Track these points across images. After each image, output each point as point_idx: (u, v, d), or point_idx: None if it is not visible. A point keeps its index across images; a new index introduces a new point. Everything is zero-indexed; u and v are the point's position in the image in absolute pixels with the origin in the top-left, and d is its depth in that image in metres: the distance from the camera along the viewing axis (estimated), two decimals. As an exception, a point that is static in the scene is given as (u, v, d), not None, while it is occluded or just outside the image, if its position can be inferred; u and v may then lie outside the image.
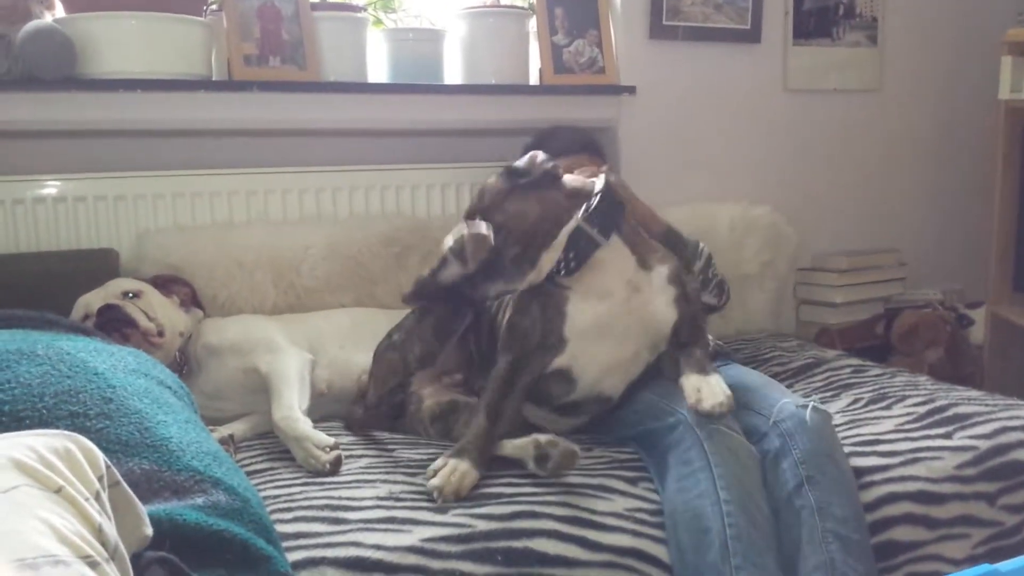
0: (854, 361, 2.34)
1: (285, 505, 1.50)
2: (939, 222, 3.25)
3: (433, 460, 1.61)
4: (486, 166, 2.58)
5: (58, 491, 0.79)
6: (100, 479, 0.89)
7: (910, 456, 1.72)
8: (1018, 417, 1.83)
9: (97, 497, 0.87)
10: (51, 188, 2.21)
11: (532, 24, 2.65)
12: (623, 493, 1.59)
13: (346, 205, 2.45)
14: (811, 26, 2.94)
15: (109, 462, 0.91)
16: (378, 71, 2.51)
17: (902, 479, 1.67)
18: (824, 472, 1.58)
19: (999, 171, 2.90)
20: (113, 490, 0.91)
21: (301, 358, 1.93)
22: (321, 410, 1.97)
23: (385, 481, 1.60)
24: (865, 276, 2.96)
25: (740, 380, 1.87)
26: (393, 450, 1.77)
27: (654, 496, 1.59)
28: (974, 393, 2.01)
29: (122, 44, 2.14)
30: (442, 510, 1.49)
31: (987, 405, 1.89)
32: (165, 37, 2.17)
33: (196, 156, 2.35)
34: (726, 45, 2.80)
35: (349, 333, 2.10)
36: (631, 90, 2.66)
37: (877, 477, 1.67)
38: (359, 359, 2.04)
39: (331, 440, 1.65)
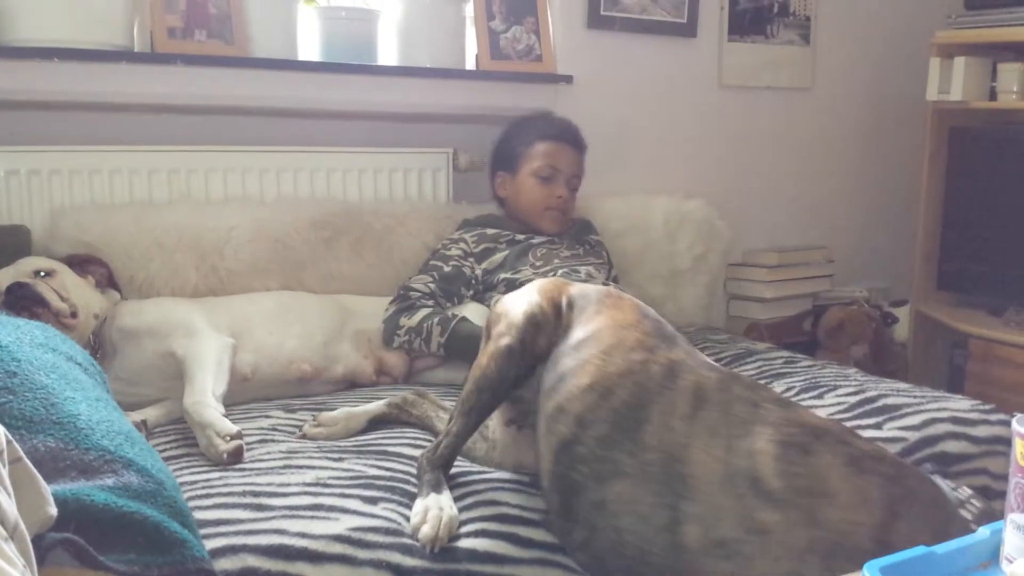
0: (785, 353, 2.36)
1: (203, 491, 1.43)
2: (866, 220, 3.32)
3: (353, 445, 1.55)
4: (419, 151, 2.54)
5: (-51, 463, 0.71)
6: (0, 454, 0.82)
7: (841, 445, 1.72)
8: (945, 409, 1.85)
9: (-3, 474, 0.80)
10: (-44, 160, 2.08)
11: (469, 9, 2.60)
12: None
13: (273, 187, 2.36)
14: (746, 23, 2.96)
15: (11, 437, 0.84)
16: (309, 51, 2.44)
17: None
18: None
19: (925, 171, 2.98)
20: (14, 467, 0.85)
21: (220, 342, 1.85)
22: (246, 395, 1.90)
23: (311, 467, 1.54)
24: (794, 272, 3.00)
25: None
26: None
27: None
28: (902, 385, 2.03)
29: (38, 9, 2.02)
30: (372, 500, 1.43)
31: (915, 397, 1.91)
32: (85, 4, 2.06)
33: (115, 131, 2.24)
34: (663, 38, 2.80)
35: (277, 317, 2.03)
36: (568, 79, 2.64)
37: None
38: (289, 344, 1.97)
39: (234, 428, 1.58)
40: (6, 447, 0.84)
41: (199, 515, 1.32)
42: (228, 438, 1.57)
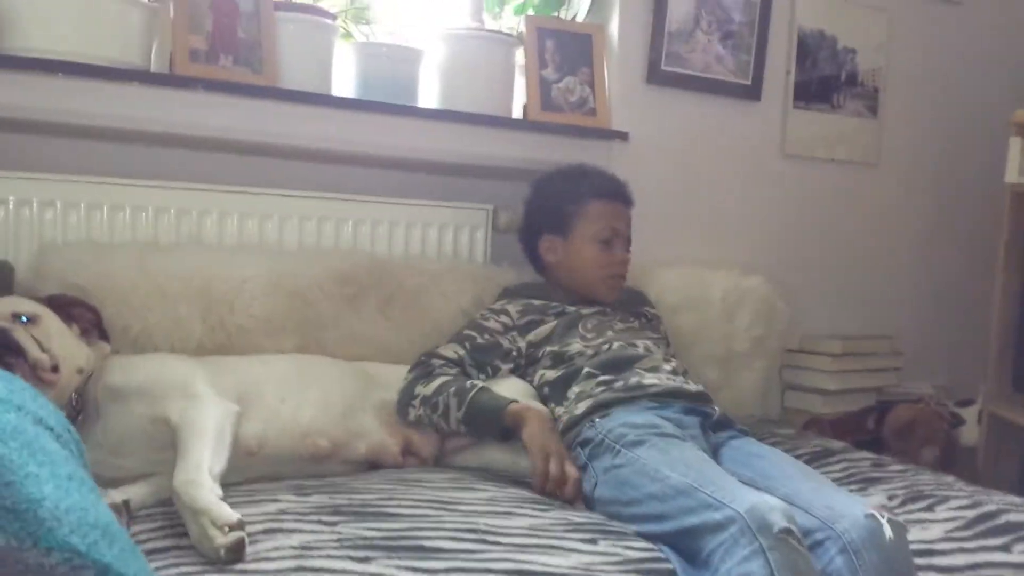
0: (868, 454, 2.07)
1: (195, 601, 1.12)
2: (934, 310, 3.05)
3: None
4: (457, 206, 2.29)
5: None
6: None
7: (970, 574, 1.45)
8: (1078, 529, 1.56)
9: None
10: (-64, 184, 1.81)
11: (519, 55, 2.38)
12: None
13: (294, 236, 2.10)
14: (812, 90, 2.75)
15: None
16: (344, 88, 2.20)
17: (966, 602, 1.38)
18: None
19: (1001, 260, 2.72)
20: None
21: (223, 409, 1.55)
22: (250, 473, 1.60)
23: (330, 571, 1.22)
24: (859, 363, 2.72)
25: (772, 462, 1.56)
26: (336, 523, 1.39)
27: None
28: (1015, 499, 1.74)
29: (42, 16, 1.79)
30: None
31: (1039, 513, 1.62)
32: (96, 14, 1.82)
33: (120, 162, 1.99)
34: (726, 100, 2.59)
35: (291, 382, 1.73)
36: (623, 136, 2.41)
37: None
38: (304, 415, 1.68)
39: (234, 517, 1.27)
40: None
41: (189, 635, 1.02)
42: (227, 529, 1.25)
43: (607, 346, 1.89)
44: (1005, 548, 1.51)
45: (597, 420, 1.70)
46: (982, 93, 3.00)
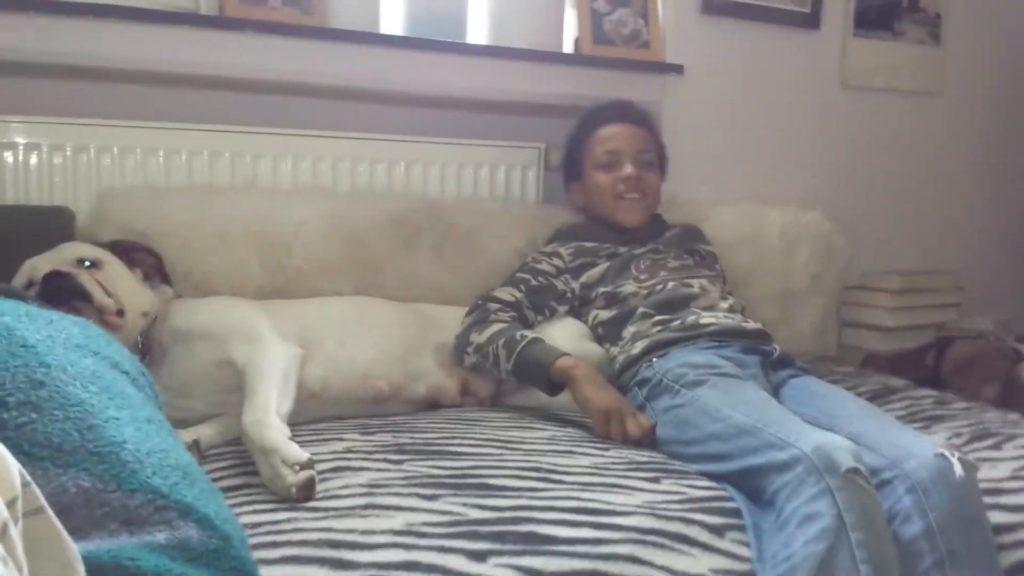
0: (930, 391, 2.03)
1: (269, 539, 1.14)
2: (997, 245, 2.96)
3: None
4: (508, 145, 2.26)
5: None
6: (11, 504, 0.57)
7: (1041, 511, 1.41)
8: None
9: (2, 534, 0.53)
10: (-4, 131, 1.83)
11: (570, -13, 2.33)
12: (706, 547, 1.24)
13: (348, 178, 2.10)
14: (872, 17, 2.65)
15: (29, 477, 0.59)
16: (392, 26, 2.17)
17: (1037, 541, 1.36)
18: (972, 547, 1.24)
19: (1071, 190, 2.63)
20: (31, 520, 0.59)
21: (288, 352, 1.57)
22: (311, 414, 1.62)
23: (399, 508, 1.24)
24: (919, 299, 2.66)
25: (835, 401, 1.54)
26: (402, 462, 1.41)
27: (744, 553, 1.25)
28: (1082, 436, 1.70)
29: (92, -40, 1.78)
30: (479, 556, 1.14)
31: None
32: (146, -43, 1.81)
33: (174, 106, 1.99)
34: (783, 29, 2.51)
35: (350, 326, 1.74)
36: (678, 69, 2.35)
37: (1007, 539, 1.35)
38: (363, 357, 1.69)
39: (304, 455, 1.28)
40: (21, 493, 0.57)
41: (264, 572, 1.04)
42: (297, 467, 1.27)
43: (661, 286, 1.87)
44: (1076, 486, 1.48)
45: (655, 360, 1.68)
46: (1051, 18, 2.87)
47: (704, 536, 1.25)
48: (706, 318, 1.77)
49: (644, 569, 1.17)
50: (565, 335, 1.83)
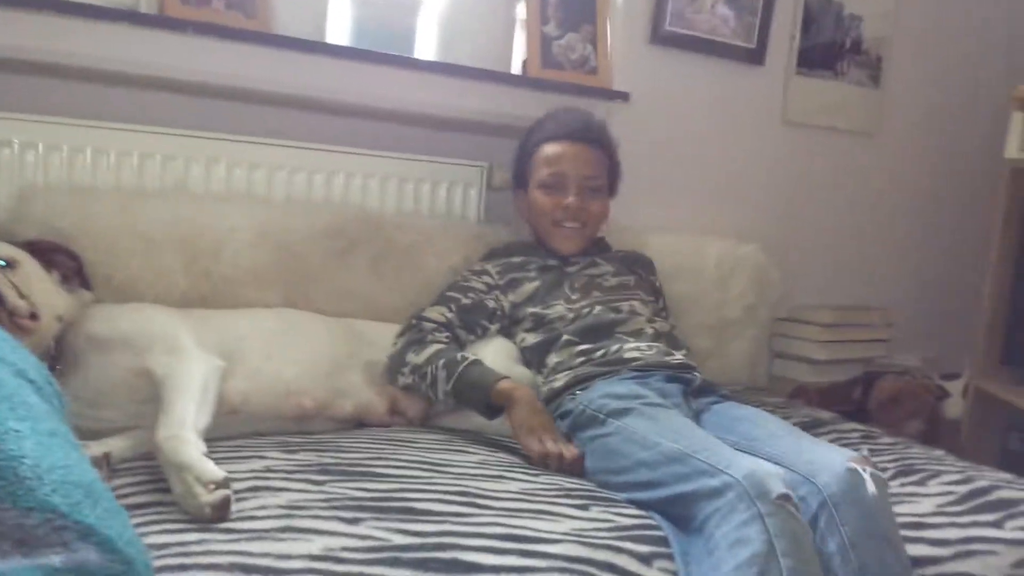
0: (857, 425, 2.06)
1: (176, 560, 1.08)
2: (926, 284, 3.03)
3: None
4: (451, 163, 2.23)
5: None
6: None
7: (962, 548, 1.43)
8: (1068, 507, 1.56)
9: None
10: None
11: (520, 9, 2.31)
12: None
13: (284, 187, 2.04)
14: (816, 56, 2.69)
15: None
16: (338, 36, 2.13)
17: (957, 577, 1.38)
18: (882, 562, 1.26)
19: (997, 234, 2.70)
20: None
21: (208, 364, 1.51)
22: (231, 430, 1.56)
23: (318, 531, 1.20)
24: (849, 333, 2.70)
25: (754, 423, 1.54)
26: (324, 482, 1.36)
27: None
28: (1004, 475, 1.74)
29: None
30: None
31: (1029, 491, 1.62)
32: (85, -50, 1.74)
33: (106, 105, 1.92)
34: (729, 63, 2.53)
35: (277, 339, 1.69)
36: (624, 96, 2.36)
37: (929, 571, 1.38)
38: (288, 372, 1.64)
39: (220, 474, 1.23)
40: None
41: (172, 596, 0.99)
42: (212, 486, 1.22)
43: (588, 310, 1.85)
44: (998, 524, 1.50)
45: (578, 393, 1.67)
46: (985, 67, 2.96)
47: (632, 565, 1.24)
48: (629, 350, 1.76)
49: (570, 600, 1.15)
50: (495, 357, 1.81)
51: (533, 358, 1.84)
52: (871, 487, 1.30)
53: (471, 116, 2.23)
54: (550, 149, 1.98)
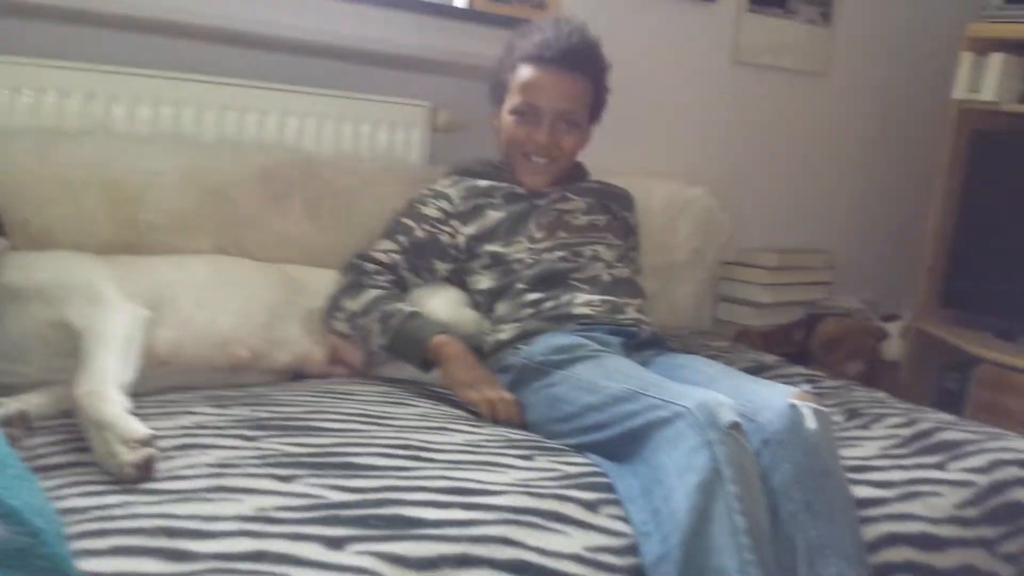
0: (802, 369, 2.06)
1: (96, 526, 1.02)
2: (870, 225, 3.04)
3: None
4: (393, 102, 2.14)
5: None
6: None
7: (906, 489, 1.44)
8: (1009, 449, 1.59)
9: None
10: None
11: (463, -61, 2.22)
12: (580, 524, 1.20)
13: (213, 127, 1.93)
14: (768, -7, 2.64)
15: None
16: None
17: (901, 517, 1.40)
18: (826, 497, 1.26)
19: (942, 177, 2.72)
20: None
21: (132, 314, 1.43)
22: (161, 383, 1.48)
23: (251, 490, 1.14)
24: (793, 276, 2.71)
25: (694, 369, 1.55)
26: (258, 438, 1.30)
27: (619, 528, 1.22)
28: (946, 416, 1.77)
29: None
30: (336, 542, 1.05)
31: (970, 432, 1.64)
32: None
33: (20, 40, 1.78)
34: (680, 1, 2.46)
35: (209, 287, 1.62)
36: (571, 34, 2.27)
37: (873, 512, 1.39)
38: (222, 322, 1.57)
39: (144, 432, 1.16)
40: None
41: (88, 564, 0.93)
42: (135, 444, 1.15)
43: (548, 255, 1.79)
44: (940, 466, 1.51)
45: (521, 347, 1.64)
46: (936, 6, 2.93)
47: (579, 513, 1.22)
48: (580, 305, 1.70)
49: (516, 551, 1.13)
50: (441, 301, 1.76)
51: (484, 302, 1.78)
52: (812, 422, 1.29)
53: (414, 52, 2.14)
54: (527, 73, 1.81)
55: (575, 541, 1.17)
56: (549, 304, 1.71)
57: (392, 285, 1.74)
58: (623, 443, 1.31)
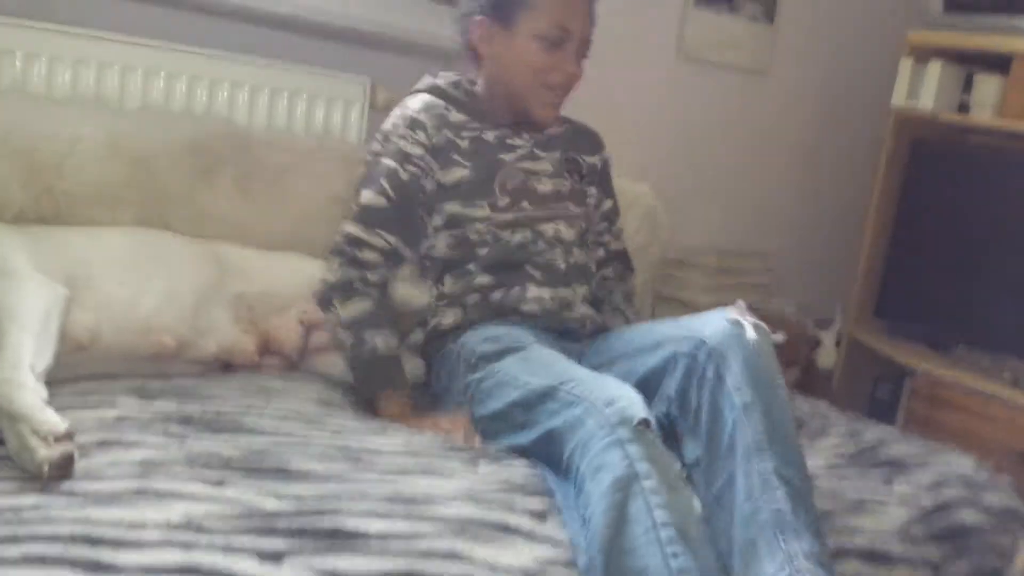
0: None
1: (8, 530, 0.93)
2: (807, 229, 3.04)
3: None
4: (330, 75, 2.06)
5: None
6: None
7: (854, 502, 1.42)
8: (950, 464, 1.59)
9: None
10: None
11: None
12: (529, 536, 1.14)
13: (138, 93, 1.81)
14: (714, -12, 2.61)
15: None
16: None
17: (850, 531, 1.37)
18: (768, 403, 1.28)
19: (879, 184, 2.75)
20: None
21: (51, 293, 1.32)
22: (78, 370, 1.36)
23: (178, 494, 1.04)
24: (732, 278, 2.70)
25: (630, 331, 1.60)
26: (185, 436, 1.20)
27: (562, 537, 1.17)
28: (888, 429, 1.76)
29: None
30: (274, 557, 0.97)
31: (913, 446, 1.64)
32: None
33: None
34: (626, -7, 2.41)
35: (131, 264, 1.50)
36: (517, 20, 2.19)
37: (822, 526, 1.34)
38: (145, 304, 1.45)
39: (62, 425, 1.06)
40: None
41: (-2, 577, 0.83)
42: (53, 439, 1.05)
43: (511, 230, 1.65)
44: (887, 481, 1.49)
45: (461, 339, 1.57)
46: (880, 9, 2.94)
47: (527, 523, 1.17)
48: (530, 300, 1.62)
49: (464, 566, 1.06)
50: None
51: (433, 269, 1.66)
52: (751, 333, 1.33)
53: (354, 24, 2.04)
54: None
55: (524, 554, 1.11)
56: (497, 295, 1.63)
57: (389, 270, 1.62)
58: (547, 443, 1.29)
